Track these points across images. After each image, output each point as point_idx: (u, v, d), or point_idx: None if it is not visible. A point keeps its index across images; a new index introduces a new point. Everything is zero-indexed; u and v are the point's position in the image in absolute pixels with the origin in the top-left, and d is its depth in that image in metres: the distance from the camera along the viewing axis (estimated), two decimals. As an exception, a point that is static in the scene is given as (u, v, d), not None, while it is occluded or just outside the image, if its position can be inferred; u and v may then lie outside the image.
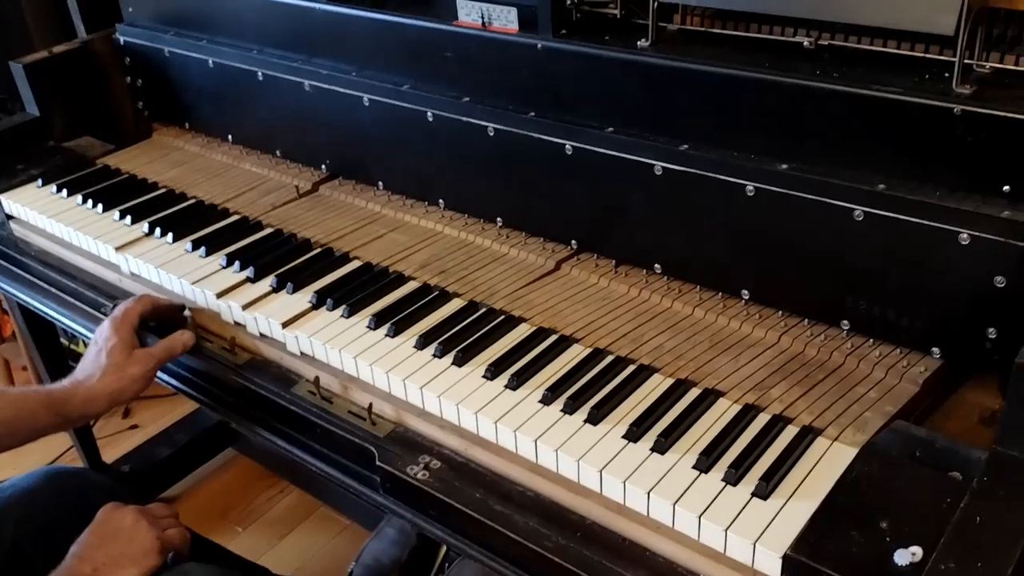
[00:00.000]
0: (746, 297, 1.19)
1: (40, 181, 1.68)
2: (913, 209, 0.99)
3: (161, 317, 1.34)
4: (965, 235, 0.97)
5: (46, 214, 1.59)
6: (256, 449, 2.34)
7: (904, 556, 0.81)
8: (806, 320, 1.15)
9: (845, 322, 1.11)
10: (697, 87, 1.13)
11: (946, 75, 1.00)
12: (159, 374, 1.35)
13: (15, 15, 2.75)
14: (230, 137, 1.76)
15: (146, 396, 2.60)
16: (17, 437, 1.23)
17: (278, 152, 1.69)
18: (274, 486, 2.31)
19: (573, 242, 1.34)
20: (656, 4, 1.16)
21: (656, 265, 1.26)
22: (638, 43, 1.18)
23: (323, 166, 1.62)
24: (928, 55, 1.05)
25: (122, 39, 1.83)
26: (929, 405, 1.06)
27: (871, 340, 1.11)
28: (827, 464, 0.95)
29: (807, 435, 0.99)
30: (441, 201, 1.47)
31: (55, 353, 2.02)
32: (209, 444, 2.37)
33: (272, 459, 2.31)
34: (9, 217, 1.68)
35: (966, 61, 0.98)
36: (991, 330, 1.00)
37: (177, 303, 1.37)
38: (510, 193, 1.36)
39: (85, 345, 2.47)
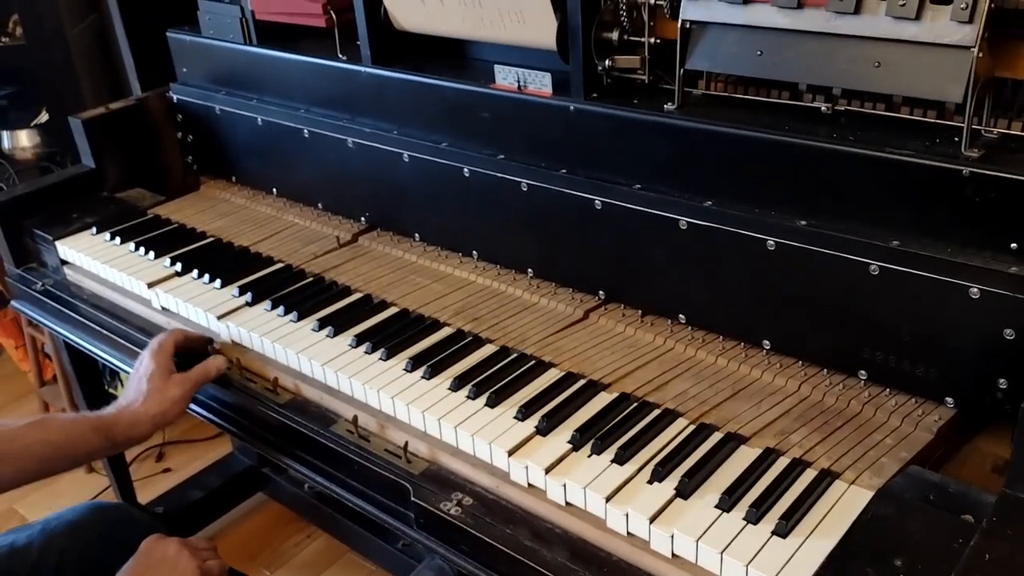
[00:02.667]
0: (767, 347, 1.24)
1: (94, 229, 1.77)
2: (926, 265, 1.05)
3: (190, 348, 1.43)
4: (975, 289, 1.02)
5: (100, 260, 1.68)
6: (286, 494, 2.39)
7: (917, 593, 0.85)
8: (825, 370, 1.20)
9: (862, 372, 1.16)
10: (721, 148, 1.20)
11: (956, 139, 1.06)
12: (206, 412, 1.42)
13: (68, 73, 2.90)
14: (275, 190, 1.85)
15: (180, 440, 2.68)
16: (67, 461, 1.31)
17: (320, 205, 1.77)
18: (302, 531, 2.36)
19: (601, 292, 1.40)
20: (682, 71, 1.23)
21: (681, 315, 1.31)
22: (665, 106, 1.25)
23: (363, 218, 1.70)
24: (939, 120, 1.11)
25: (175, 97, 1.94)
26: (944, 453, 1.10)
27: (887, 389, 1.15)
28: (844, 506, 1.00)
29: (825, 478, 1.04)
30: (475, 252, 1.54)
31: (98, 395, 2.09)
32: (240, 488, 2.42)
33: (301, 504, 2.35)
34: (63, 262, 1.77)
35: (974, 126, 1.04)
36: (1002, 381, 1.04)
37: (205, 336, 1.45)
38: (541, 245, 1.43)
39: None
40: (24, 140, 2.95)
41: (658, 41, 1.28)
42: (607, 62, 1.29)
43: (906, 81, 1.06)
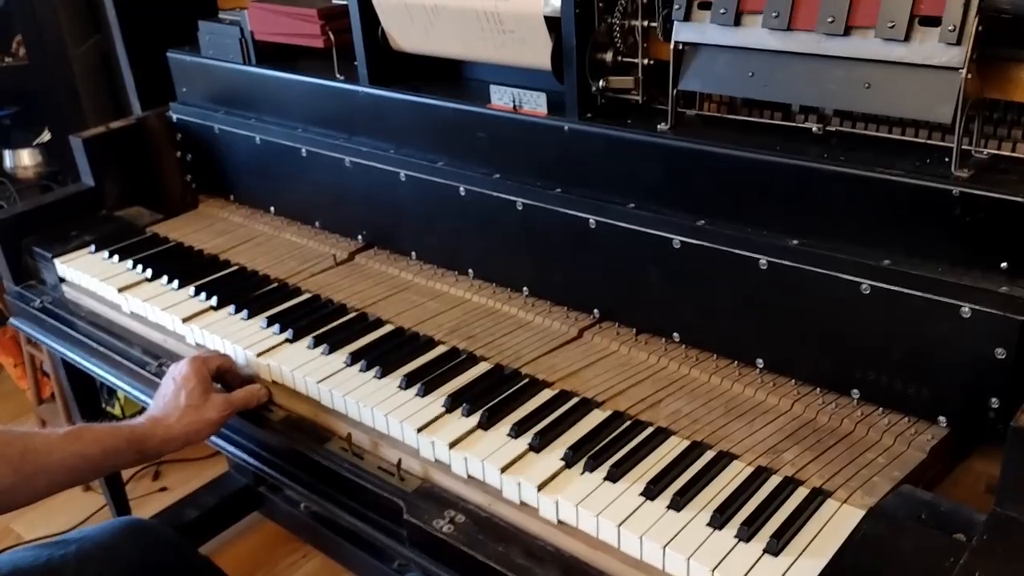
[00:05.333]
0: (760, 366, 1.24)
1: (93, 247, 1.78)
2: (917, 284, 1.05)
3: (228, 382, 1.40)
4: (966, 309, 1.02)
5: (97, 277, 1.68)
6: (282, 513, 2.38)
7: (908, 611, 0.85)
8: (818, 388, 1.20)
9: (855, 391, 1.16)
10: (713, 167, 1.21)
11: (946, 160, 1.07)
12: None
13: (70, 93, 2.93)
14: (272, 209, 1.86)
15: (175, 459, 2.68)
16: (98, 472, 1.31)
17: (317, 223, 1.78)
18: (298, 551, 2.35)
19: (596, 311, 1.40)
20: (676, 91, 1.25)
21: (675, 334, 1.31)
22: (658, 126, 1.26)
23: (359, 237, 1.71)
24: (931, 141, 1.12)
25: (175, 116, 1.95)
26: (937, 473, 1.10)
27: (880, 408, 1.16)
28: (836, 524, 1.00)
29: (817, 496, 1.04)
30: (470, 271, 1.54)
31: (95, 413, 2.09)
32: (236, 507, 2.42)
33: (297, 524, 2.35)
34: (62, 280, 1.78)
35: (964, 147, 1.05)
36: (994, 400, 1.04)
37: (253, 377, 1.41)
38: (536, 264, 1.44)
39: (121, 406, 2.56)
40: (26, 159, 2.97)
41: (652, 62, 1.29)
42: (601, 83, 1.30)
43: (896, 102, 1.07)
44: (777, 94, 1.17)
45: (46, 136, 3.04)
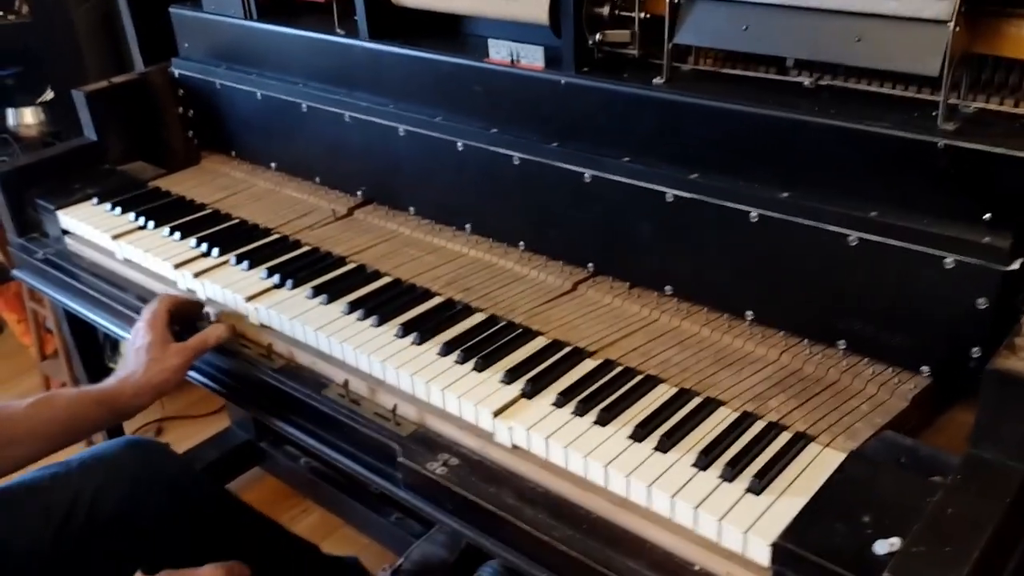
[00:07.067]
0: (750, 317, 1.27)
1: (96, 200, 1.80)
2: (902, 235, 1.07)
3: (183, 314, 1.46)
4: (950, 259, 1.04)
5: (100, 229, 1.71)
6: (282, 468, 2.42)
7: (883, 546, 0.88)
8: (805, 339, 1.23)
9: (842, 341, 1.18)
10: (706, 121, 1.22)
11: (933, 114, 1.08)
12: (201, 378, 1.46)
13: (73, 52, 2.94)
14: (273, 164, 1.88)
15: (179, 416, 2.72)
16: (74, 435, 1.34)
17: (317, 179, 1.80)
18: (298, 505, 2.39)
19: (590, 265, 1.42)
20: (671, 46, 1.26)
21: (667, 287, 1.34)
22: (653, 80, 1.28)
23: (359, 192, 1.73)
24: (919, 95, 1.14)
25: (177, 72, 1.97)
26: (919, 422, 1.13)
27: (865, 359, 1.18)
28: (817, 466, 1.02)
29: (800, 440, 1.06)
30: (468, 226, 1.56)
31: (99, 369, 2.12)
32: (237, 462, 2.46)
33: (297, 478, 2.39)
34: (64, 232, 1.80)
35: (951, 101, 1.07)
36: (975, 349, 1.07)
37: (196, 300, 1.48)
38: (532, 218, 1.46)
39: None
40: (29, 117, 2.98)
41: (648, 16, 1.30)
42: (598, 36, 1.32)
43: (885, 55, 1.09)
44: (770, 47, 1.18)
45: (49, 95, 3.04)
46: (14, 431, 1.28)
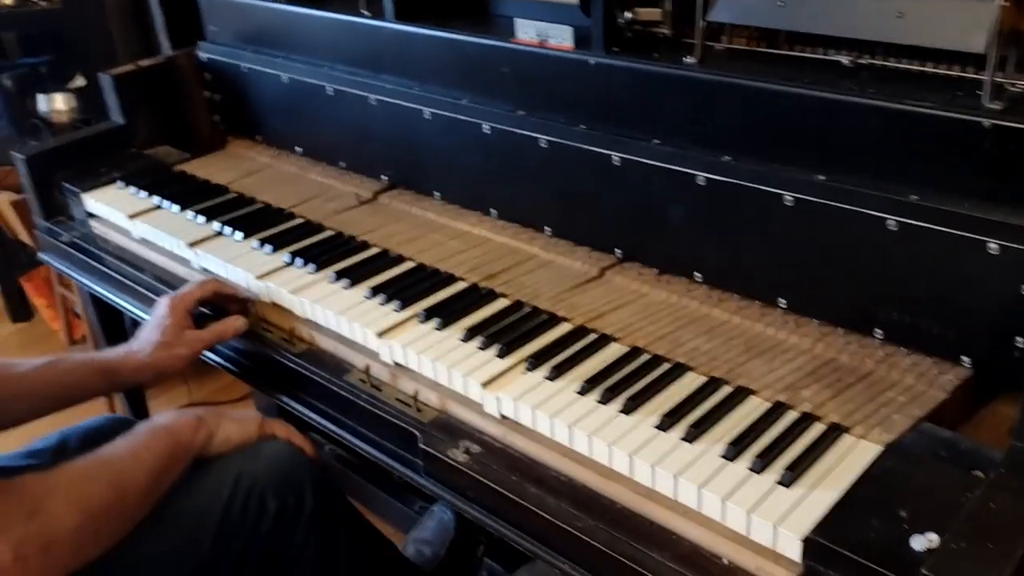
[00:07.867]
0: (783, 305, 1.23)
1: (122, 183, 1.80)
2: (944, 220, 1.03)
3: (223, 304, 1.44)
4: (994, 245, 1.00)
5: (125, 212, 1.70)
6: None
7: (921, 542, 0.84)
8: (841, 329, 1.19)
9: (878, 331, 1.14)
10: (740, 101, 1.19)
11: (978, 92, 1.04)
12: (222, 361, 1.44)
13: (103, 37, 2.95)
14: (298, 149, 1.86)
15: (205, 402, 2.72)
16: (74, 399, 1.35)
17: (342, 164, 1.78)
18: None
19: (618, 251, 1.39)
20: (704, 24, 1.22)
21: (697, 274, 1.30)
22: (686, 60, 1.24)
23: (384, 177, 1.71)
24: (964, 74, 1.09)
25: (204, 56, 1.96)
26: (959, 414, 1.09)
27: (903, 348, 1.14)
28: (852, 459, 0.99)
29: (834, 432, 1.02)
30: (493, 211, 1.54)
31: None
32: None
33: (321, 466, 2.37)
34: (90, 215, 1.80)
35: (997, 79, 1.02)
36: (1019, 339, 1.02)
37: (245, 294, 1.45)
38: (559, 203, 1.43)
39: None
40: (60, 103, 3.00)
41: (680, -7, 1.27)
42: (628, 15, 1.28)
43: (928, 32, 1.04)
44: (807, 24, 1.14)
45: (80, 81, 3.06)
46: (19, 388, 1.29)
